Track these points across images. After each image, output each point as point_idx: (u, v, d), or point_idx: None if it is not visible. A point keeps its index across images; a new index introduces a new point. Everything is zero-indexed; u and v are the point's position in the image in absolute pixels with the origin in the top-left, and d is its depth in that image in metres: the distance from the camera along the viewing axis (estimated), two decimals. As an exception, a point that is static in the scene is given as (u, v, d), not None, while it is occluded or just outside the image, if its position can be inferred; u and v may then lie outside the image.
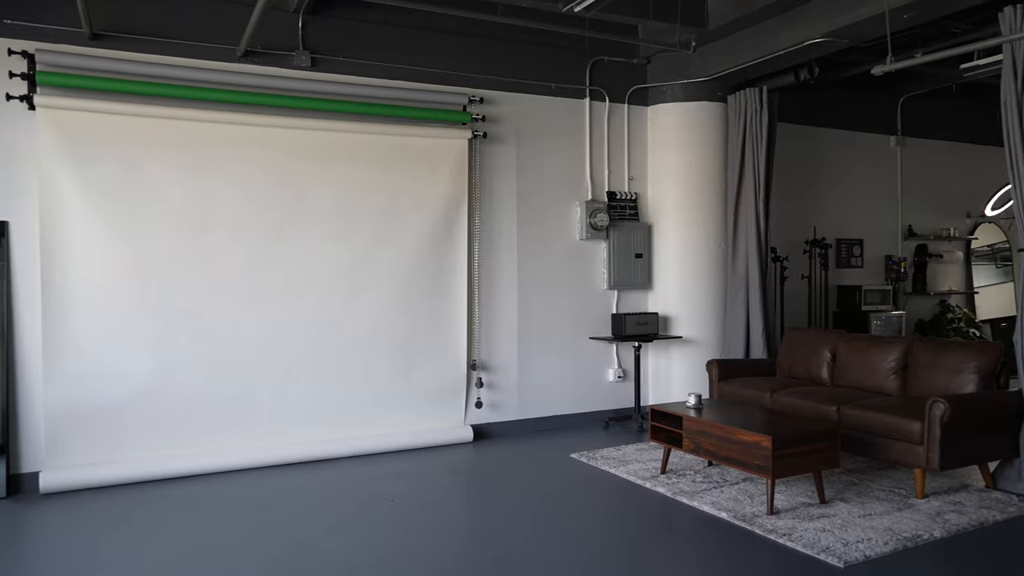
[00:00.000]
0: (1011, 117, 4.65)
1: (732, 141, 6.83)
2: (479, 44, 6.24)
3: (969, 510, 4.25)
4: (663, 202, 6.91)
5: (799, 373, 5.97)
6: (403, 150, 5.89)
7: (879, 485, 4.74)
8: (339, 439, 5.60)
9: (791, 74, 6.55)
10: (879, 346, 5.46)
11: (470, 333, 6.18)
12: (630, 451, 5.67)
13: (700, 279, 6.81)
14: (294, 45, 5.55)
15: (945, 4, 4.88)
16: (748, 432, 4.27)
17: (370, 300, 5.79)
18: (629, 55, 6.83)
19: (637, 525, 4.11)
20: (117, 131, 5.03)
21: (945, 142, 9.16)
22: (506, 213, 6.38)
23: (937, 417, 4.37)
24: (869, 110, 8.55)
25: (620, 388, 6.88)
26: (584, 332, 6.71)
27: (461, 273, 6.11)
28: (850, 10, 5.24)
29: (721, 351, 6.80)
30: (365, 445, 5.64)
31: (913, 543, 3.76)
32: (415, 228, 5.94)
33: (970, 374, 4.84)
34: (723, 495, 4.53)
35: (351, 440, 5.62)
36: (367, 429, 5.77)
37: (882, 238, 8.74)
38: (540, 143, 6.53)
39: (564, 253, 6.63)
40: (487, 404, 6.29)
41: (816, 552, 3.63)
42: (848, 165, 8.46)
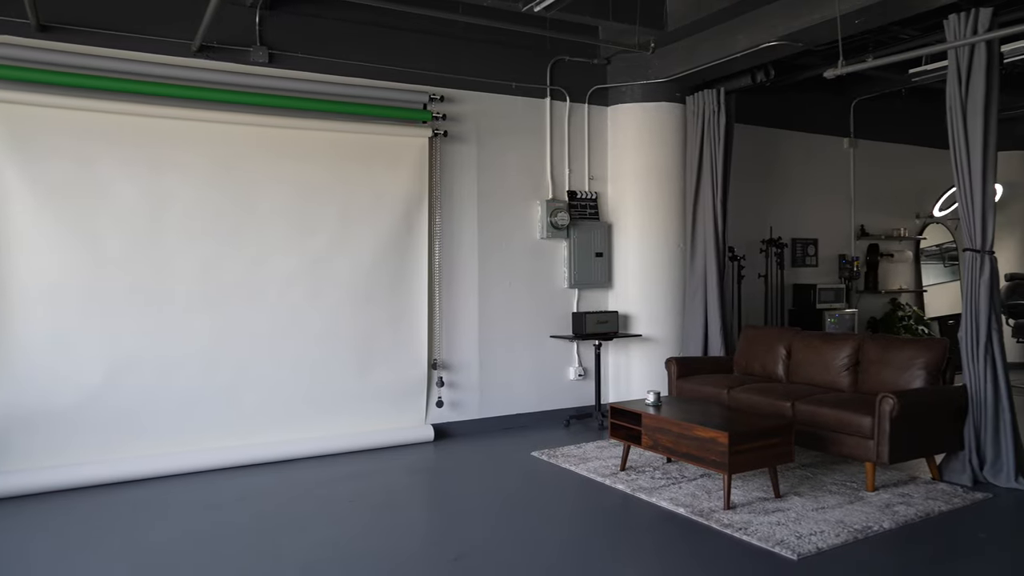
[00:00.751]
0: (956, 121, 4.80)
1: (691, 141, 6.92)
2: (440, 42, 6.22)
3: (917, 502, 4.38)
4: (623, 201, 6.97)
5: (755, 370, 6.08)
6: (363, 148, 5.85)
7: (832, 479, 4.85)
8: (297, 440, 5.54)
9: (748, 76, 6.66)
10: (832, 343, 5.59)
11: (431, 332, 6.16)
12: (590, 449, 5.71)
13: (659, 278, 6.89)
14: (251, 41, 5.47)
15: (893, 10, 5.01)
16: (705, 428, 4.34)
17: (329, 299, 5.74)
18: (590, 55, 6.88)
19: (597, 522, 4.15)
20: (67, 126, 4.90)
21: (896, 144, 9.41)
22: (467, 212, 6.38)
23: (886, 412, 4.49)
24: (823, 112, 8.74)
25: (581, 386, 6.93)
26: (545, 331, 6.74)
27: (421, 272, 6.09)
28: (804, 14, 5.35)
29: (680, 349, 6.89)
30: (323, 446, 5.59)
31: (863, 534, 3.86)
32: (374, 227, 5.90)
33: (918, 370, 4.99)
34: (681, 491, 4.60)
35: (309, 441, 5.56)
36: (326, 430, 5.72)
37: (836, 238, 8.94)
38: (501, 142, 6.53)
39: (525, 252, 6.65)
40: (448, 403, 6.28)
41: (771, 545, 3.70)
42: (803, 166, 8.63)
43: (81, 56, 4.90)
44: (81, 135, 4.94)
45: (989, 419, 4.75)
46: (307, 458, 5.51)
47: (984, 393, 4.77)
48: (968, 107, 4.74)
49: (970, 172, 4.78)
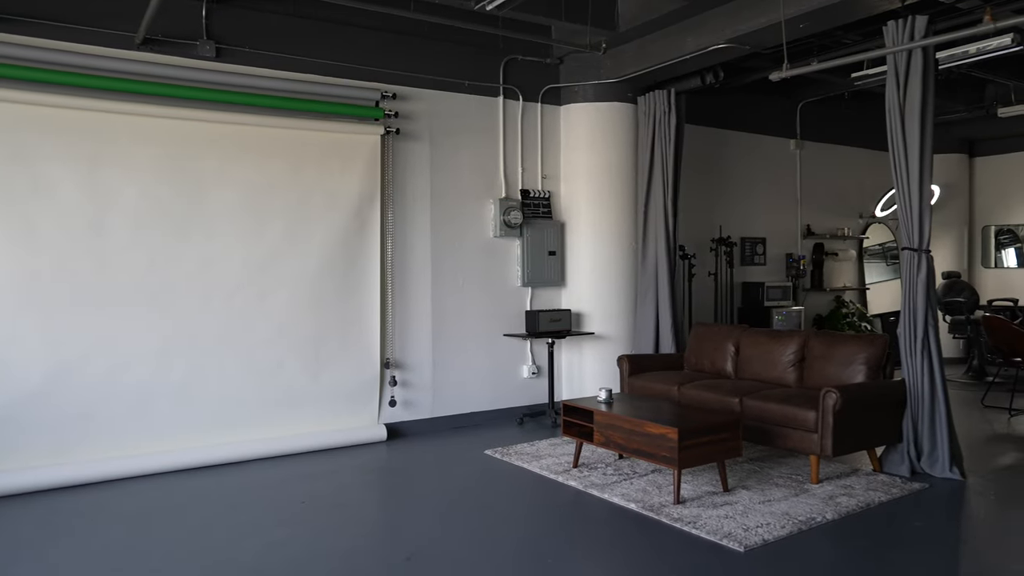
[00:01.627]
0: (894, 124, 4.95)
1: (642, 141, 7.00)
2: (392, 39, 6.18)
3: (858, 493, 4.51)
4: (576, 200, 7.03)
5: (705, 366, 6.19)
6: (314, 145, 5.78)
7: (778, 472, 4.97)
8: (247, 441, 5.45)
9: (698, 78, 6.77)
10: (778, 340, 5.72)
11: (383, 331, 6.12)
12: (543, 446, 5.75)
13: (612, 276, 6.96)
14: (197, 34, 5.35)
15: (836, 16, 5.15)
16: (656, 425, 4.40)
17: (280, 298, 5.65)
18: (542, 55, 6.91)
19: (549, 519, 4.17)
20: (4, 120, 4.73)
21: (840, 146, 9.68)
22: (420, 210, 6.35)
23: (830, 406, 4.62)
24: (771, 114, 8.94)
25: (534, 384, 6.96)
26: (498, 329, 6.75)
27: (374, 271, 6.04)
28: (751, 18, 5.46)
29: (632, 346, 6.98)
30: (275, 447, 5.51)
31: (807, 525, 3.96)
32: (326, 225, 5.83)
33: (860, 365, 5.14)
34: (632, 487, 4.66)
35: (260, 442, 5.48)
36: (277, 430, 5.64)
37: (783, 237, 9.16)
38: (454, 140, 6.52)
39: (478, 250, 6.66)
40: (401, 402, 6.25)
41: (719, 538, 3.77)
42: (751, 166, 8.82)
43: (19, 47, 4.72)
44: (19, 129, 4.77)
45: (926, 412, 4.92)
46: (259, 459, 5.43)
47: (921, 387, 4.94)
48: (906, 110, 4.90)
49: (908, 173, 4.95)
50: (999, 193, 10.59)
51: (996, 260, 10.67)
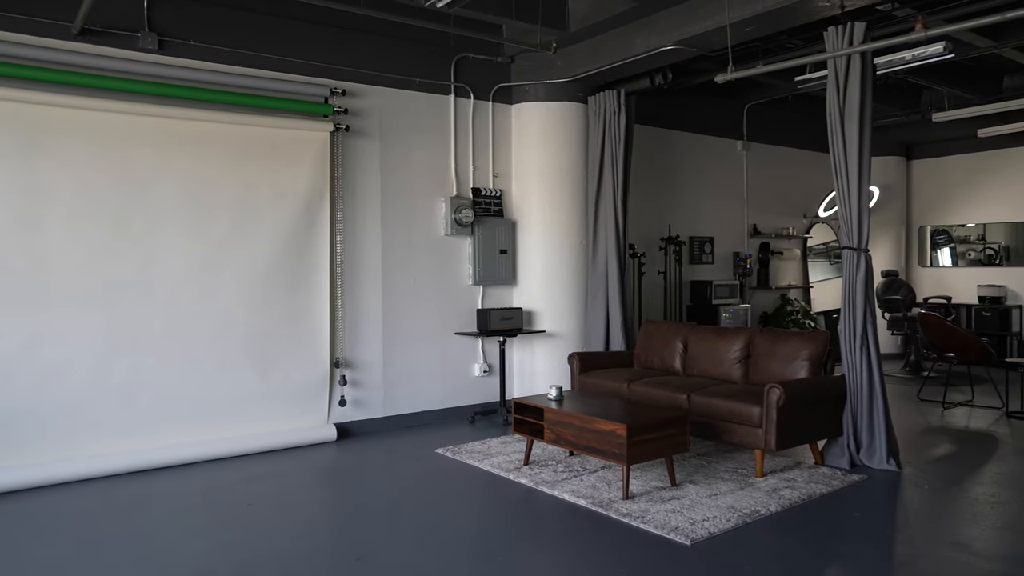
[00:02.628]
0: (835, 126, 5.10)
1: (592, 141, 7.07)
2: (342, 35, 6.11)
3: (800, 485, 4.64)
4: (527, 199, 7.05)
5: (654, 364, 6.28)
6: (261, 142, 5.68)
7: (724, 467, 5.07)
8: (193, 443, 5.33)
9: (647, 78, 6.86)
10: (725, 337, 5.84)
11: (333, 330, 6.05)
12: (495, 444, 5.75)
13: (563, 274, 7.01)
14: (139, 26, 5.20)
15: (779, 21, 5.27)
16: (605, 421, 4.45)
17: (226, 296, 5.54)
18: (494, 53, 6.91)
19: (500, 517, 4.18)
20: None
21: (785, 148, 9.92)
22: (370, 208, 6.29)
23: (774, 402, 4.73)
24: (718, 116, 9.11)
25: (486, 382, 6.96)
26: (450, 328, 6.73)
27: (323, 269, 5.97)
28: (698, 21, 5.55)
29: (583, 344, 7.03)
30: (221, 448, 5.40)
31: (752, 518, 4.06)
32: (274, 223, 5.74)
33: (802, 361, 5.28)
34: (583, 483, 4.70)
35: (206, 444, 5.36)
36: (224, 432, 5.52)
37: (730, 236, 9.35)
38: (405, 138, 6.48)
39: (429, 249, 6.63)
40: (351, 402, 6.19)
41: (666, 532, 3.83)
42: (700, 167, 8.97)
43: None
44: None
45: (864, 406, 5.08)
46: (204, 461, 5.31)
47: (860, 382, 5.09)
48: (845, 114, 5.05)
49: (847, 175, 5.10)
50: (935, 195, 10.99)
51: (932, 259, 11.07)
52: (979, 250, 10.54)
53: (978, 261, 10.53)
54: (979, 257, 10.53)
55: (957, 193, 10.73)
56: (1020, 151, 9.98)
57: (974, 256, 10.59)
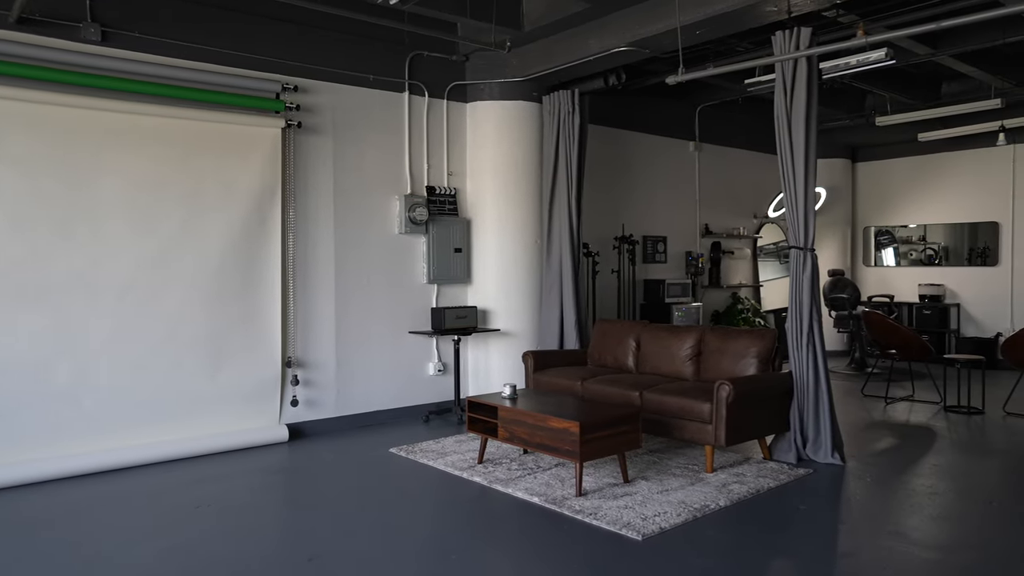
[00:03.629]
0: (782, 128, 5.22)
1: (547, 140, 7.10)
2: (294, 30, 6.02)
3: (749, 480, 4.73)
4: (482, 198, 7.05)
5: (608, 362, 6.34)
6: (210, 137, 5.57)
7: (676, 463, 5.15)
8: (140, 446, 5.20)
9: (601, 79, 6.92)
10: (676, 335, 5.93)
11: (284, 329, 5.97)
12: (449, 443, 5.75)
13: (517, 273, 7.03)
14: (80, 16, 5.05)
15: (729, 24, 5.38)
16: (558, 419, 4.48)
17: (175, 295, 5.42)
18: (448, 51, 6.90)
19: (453, 516, 4.18)
20: None
21: (735, 149, 10.11)
22: (323, 206, 6.22)
23: (723, 398, 4.82)
24: (671, 117, 9.24)
25: (440, 381, 6.95)
26: (404, 326, 6.70)
27: (274, 267, 5.88)
28: (650, 23, 5.62)
29: (537, 342, 7.07)
30: (169, 451, 5.28)
31: (702, 512, 4.13)
32: (224, 220, 5.63)
33: (751, 358, 5.39)
34: (536, 481, 4.72)
35: (153, 446, 5.24)
36: (172, 433, 5.40)
37: (683, 235, 9.49)
38: (358, 135, 6.42)
39: (383, 247, 6.58)
40: (304, 402, 6.11)
41: (618, 528, 3.88)
42: (653, 167, 9.09)
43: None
44: None
45: (810, 402, 5.21)
46: (151, 464, 5.19)
47: (807, 378, 5.22)
48: (792, 116, 5.17)
49: (794, 176, 5.22)
50: (879, 196, 11.32)
51: (876, 259, 11.41)
52: (920, 250, 10.90)
53: (919, 261, 10.89)
54: (920, 257, 10.89)
55: (900, 195, 11.08)
56: (958, 155, 10.35)
57: (915, 256, 10.95)
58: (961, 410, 6.93)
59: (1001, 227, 9.99)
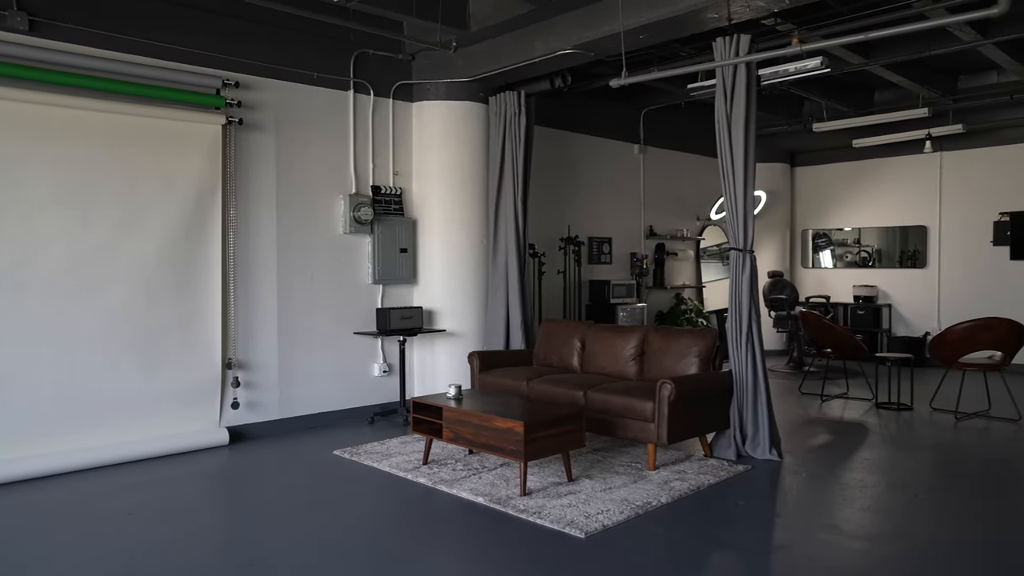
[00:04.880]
0: (722, 132, 5.34)
1: (493, 141, 7.11)
2: (236, 25, 5.90)
3: (690, 477, 4.83)
4: (428, 198, 7.02)
5: (553, 362, 6.38)
6: (148, 133, 5.41)
7: (619, 461, 5.21)
8: (70, 451, 5.01)
9: (547, 81, 6.96)
10: (620, 335, 6.01)
11: (225, 330, 5.84)
12: (394, 444, 5.71)
13: (463, 273, 7.02)
14: (5, 3, 4.85)
15: (672, 29, 5.47)
16: (503, 419, 4.49)
17: (109, 295, 5.25)
18: (394, 50, 6.85)
19: (397, 517, 4.15)
20: None
21: (679, 152, 10.30)
22: (265, 204, 6.11)
23: (665, 397, 4.90)
24: (617, 120, 9.35)
25: (386, 382, 6.89)
26: (349, 327, 6.62)
27: (214, 266, 5.75)
28: (595, 26, 5.69)
29: (483, 343, 7.07)
30: (102, 456, 5.11)
31: (644, 509, 4.19)
32: (162, 218, 5.48)
33: (692, 357, 5.49)
34: (481, 481, 4.72)
35: (84, 451, 5.06)
36: (105, 438, 5.23)
37: (628, 237, 9.62)
38: (302, 133, 6.33)
39: (327, 247, 6.50)
40: (245, 404, 5.99)
41: (562, 526, 3.91)
42: (599, 169, 9.19)
43: None
44: None
45: (749, 400, 5.34)
46: (83, 470, 5.01)
47: (746, 377, 5.35)
48: (732, 121, 5.29)
49: (734, 179, 5.34)
50: (816, 200, 11.67)
51: (814, 261, 11.75)
52: (855, 253, 11.27)
53: (854, 263, 11.26)
54: (855, 259, 11.26)
55: (836, 199, 11.44)
56: (890, 161, 10.74)
57: (850, 258, 11.32)
58: (892, 406, 7.20)
59: (929, 231, 10.41)
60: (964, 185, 10.08)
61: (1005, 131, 9.63)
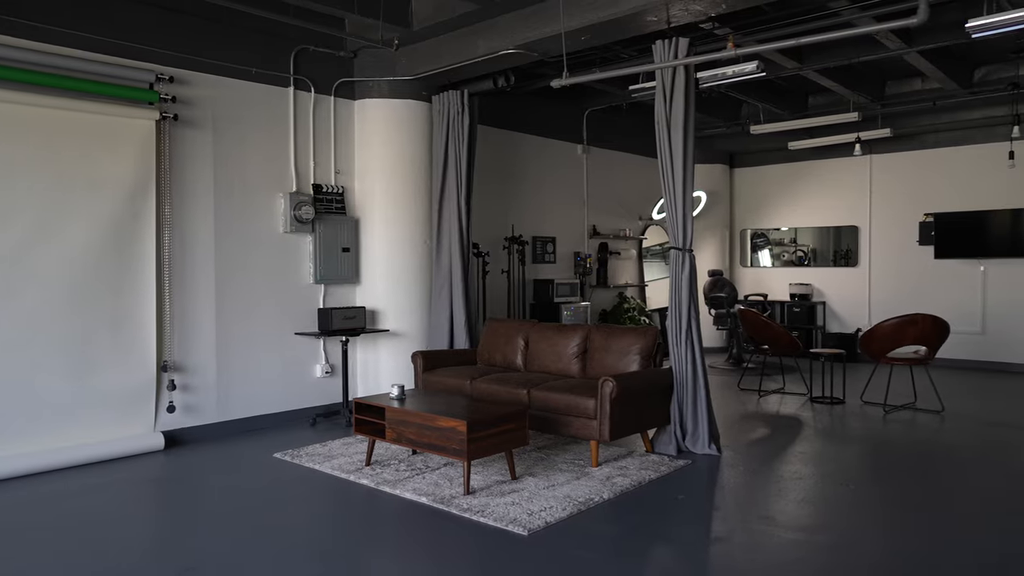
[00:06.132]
0: (662, 134, 5.44)
1: (436, 140, 7.08)
2: (171, 18, 5.73)
3: (632, 472, 4.90)
4: (371, 197, 6.95)
5: (497, 360, 6.40)
6: (76, 127, 5.22)
7: (563, 458, 5.25)
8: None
9: (490, 80, 6.97)
10: (563, 333, 6.06)
11: (160, 331, 5.67)
12: (336, 446, 5.64)
13: (407, 273, 6.97)
14: (-77, -8, 4.63)
15: (613, 31, 5.54)
16: (446, 418, 4.48)
17: (34, 296, 5.05)
18: (336, 47, 6.76)
19: (339, 519, 4.11)
20: None
21: (622, 152, 10.43)
22: (202, 202, 5.96)
23: (607, 394, 4.97)
24: (560, 120, 9.42)
25: (328, 383, 6.80)
26: (290, 327, 6.51)
27: (149, 266, 5.58)
28: (537, 27, 5.72)
29: (427, 343, 7.04)
30: (29, 464, 4.91)
31: (586, 506, 4.24)
32: (91, 216, 5.30)
33: (634, 355, 5.58)
34: (425, 481, 4.71)
35: (8, 460, 4.85)
36: (31, 445, 5.02)
37: (571, 236, 9.70)
38: (241, 130, 6.19)
39: (267, 246, 6.37)
40: (182, 408, 5.83)
41: (505, 524, 3.92)
42: (542, 169, 9.24)
43: None
44: None
45: (689, 396, 5.45)
46: (8, 479, 4.80)
47: (686, 373, 5.46)
48: (672, 122, 5.40)
49: (673, 179, 5.45)
50: (755, 201, 11.98)
51: (752, 260, 12.06)
52: (791, 252, 11.61)
53: (791, 262, 11.60)
54: (791, 259, 11.60)
55: (773, 199, 11.76)
56: (824, 163, 11.10)
57: (787, 257, 11.65)
58: (825, 400, 7.44)
59: (860, 231, 10.79)
60: (892, 187, 10.49)
61: (928, 135, 10.07)
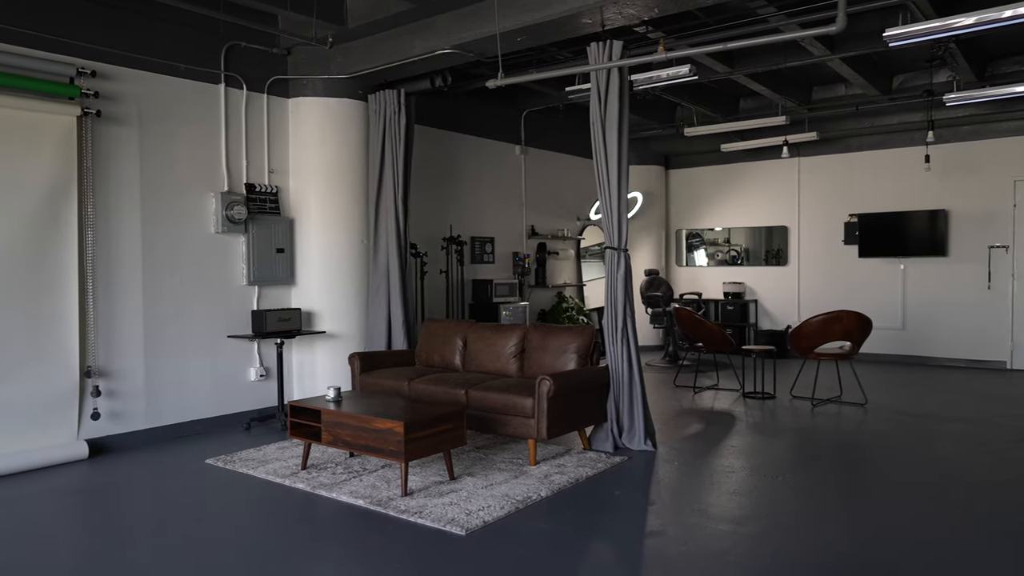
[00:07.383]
0: (597, 135, 5.51)
1: (373, 140, 7.02)
2: (92, 10, 5.52)
3: (569, 470, 4.95)
4: (305, 196, 6.84)
5: (435, 361, 6.37)
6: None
7: (501, 458, 5.27)
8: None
9: (427, 80, 6.94)
10: (501, 333, 6.08)
11: (83, 336, 5.46)
12: (271, 450, 5.53)
13: (343, 274, 6.88)
14: None
15: (548, 33, 5.58)
16: (383, 420, 4.44)
17: (-56, 301, 4.80)
18: (269, 44, 6.62)
19: (274, 525, 4.03)
20: None
21: (559, 153, 10.52)
22: (128, 202, 5.76)
23: (544, 393, 5.00)
24: (498, 120, 9.45)
25: (263, 387, 6.66)
26: (222, 330, 6.35)
27: (70, 267, 5.36)
28: (473, 27, 5.72)
29: (365, 344, 6.96)
30: (-62, 477, 4.66)
31: (524, 504, 4.26)
32: (7, 216, 5.06)
33: (571, 354, 5.63)
34: (362, 483, 4.66)
35: (-83, 472, 4.60)
36: (-58, 457, 4.77)
37: (510, 237, 9.74)
38: (169, 127, 6.01)
39: (198, 247, 6.20)
40: (108, 414, 5.62)
41: (443, 525, 3.92)
42: (481, 169, 9.25)
43: None
44: None
45: (625, 393, 5.54)
46: (-88, 494, 4.56)
47: (622, 371, 5.54)
48: (606, 123, 5.47)
49: (608, 180, 5.52)
50: (689, 201, 12.24)
51: (688, 260, 12.32)
52: (725, 252, 11.91)
53: (724, 261, 11.90)
54: (725, 258, 11.90)
55: (707, 200, 12.04)
56: (755, 165, 11.43)
57: (721, 257, 11.95)
58: (757, 396, 7.66)
59: (790, 231, 11.15)
60: (819, 188, 10.87)
61: (852, 139, 10.47)
